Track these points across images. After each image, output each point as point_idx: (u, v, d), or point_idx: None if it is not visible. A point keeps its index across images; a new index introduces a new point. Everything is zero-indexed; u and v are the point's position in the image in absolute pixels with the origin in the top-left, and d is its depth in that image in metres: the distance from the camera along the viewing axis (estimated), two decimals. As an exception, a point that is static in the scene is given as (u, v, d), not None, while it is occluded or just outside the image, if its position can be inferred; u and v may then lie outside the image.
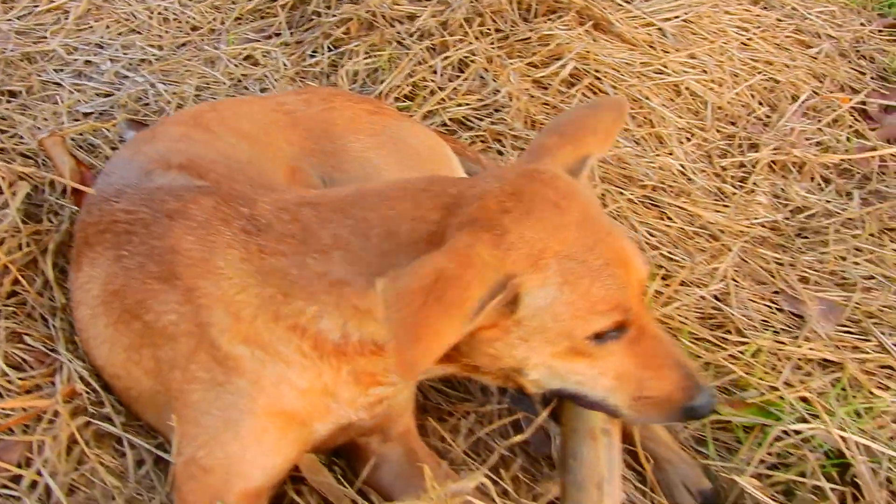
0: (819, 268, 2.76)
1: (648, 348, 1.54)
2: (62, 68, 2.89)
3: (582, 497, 1.60)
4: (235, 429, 1.64)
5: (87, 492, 1.75)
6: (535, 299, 1.44)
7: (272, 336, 1.60)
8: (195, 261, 1.65)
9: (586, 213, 1.50)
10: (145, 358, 1.76)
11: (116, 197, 1.88)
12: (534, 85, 3.03)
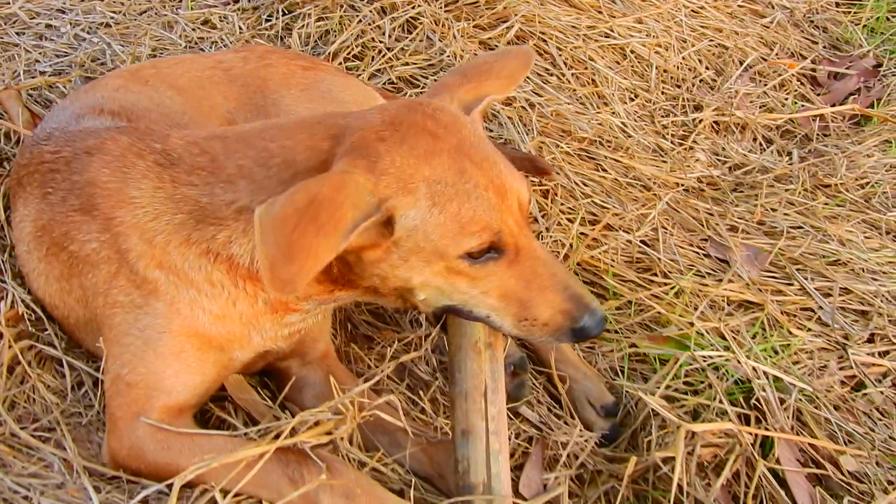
0: (748, 218, 2.88)
1: (531, 270, 1.64)
2: (23, 31, 3.01)
3: (468, 405, 1.72)
4: (155, 347, 1.75)
5: (26, 407, 1.87)
6: (407, 220, 1.56)
7: (185, 261, 1.72)
8: (111, 192, 1.77)
9: (463, 142, 1.61)
10: (74, 287, 1.88)
11: (46, 140, 2.00)
12: (480, 46, 3.14)
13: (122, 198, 1.76)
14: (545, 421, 2.10)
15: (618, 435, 2.09)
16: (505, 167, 1.66)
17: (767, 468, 2.00)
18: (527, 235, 1.67)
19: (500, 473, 1.67)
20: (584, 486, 1.98)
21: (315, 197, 1.46)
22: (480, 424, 1.69)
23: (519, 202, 1.65)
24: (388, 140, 1.58)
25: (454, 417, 1.74)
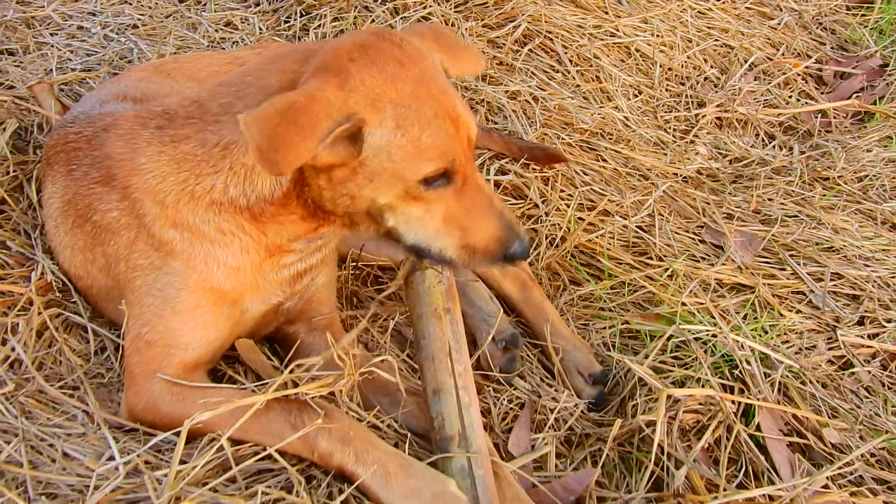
0: (745, 207, 2.98)
1: (472, 199, 1.80)
2: (56, 32, 3.20)
3: (436, 366, 1.85)
4: (173, 305, 1.90)
5: (53, 368, 2.02)
6: (374, 138, 1.70)
7: (195, 217, 1.87)
8: (124, 161, 1.93)
9: (425, 73, 1.75)
10: (97, 256, 2.03)
11: (71, 123, 2.17)
12: (489, 45, 3.28)
13: (134, 166, 1.92)
14: (536, 390, 2.22)
15: (605, 401, 2.21)
16: (459, 102, 1.80)
17: (749, 434, 2.10)
18: (472, 167, 1.82)
19: (472, 423, 1.80)
20: (571, 448, 2.10)
21: (293, 104, 1.61)
22: (449, 381, 1.83)
23: (468, 136, 1.80)
24: (357, 61, 1.71)
25: (424, 380, 1.87)
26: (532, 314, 2.39)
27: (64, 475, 1.76)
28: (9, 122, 2.45)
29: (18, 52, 3.03)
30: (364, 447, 1.78)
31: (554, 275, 2.60)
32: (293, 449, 1.79)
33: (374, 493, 1.75)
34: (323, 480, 1.78)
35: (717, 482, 1.95)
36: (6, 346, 1.99)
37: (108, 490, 1.70)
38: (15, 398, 1.88)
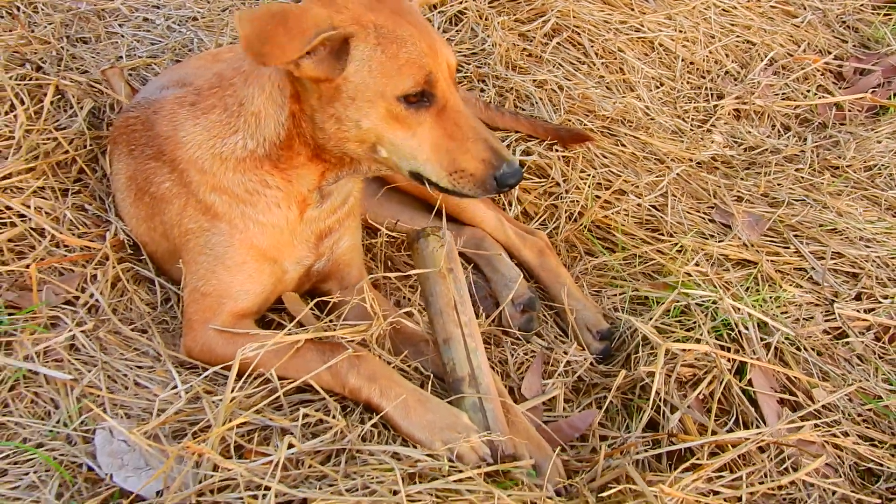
0: (754, 190, 3.19)
1: (455, 122, 1.99)
2: (124, 23, 3.51)
3: (444, 319, 2.09)
4: (223, 261, 2.18)
5: (125, 313, 2.32)
6: (357, 51, 1.92)
7: (227, 179, 2.15)
8: (169, 138, 2.21)
9: (402, 7, 1.99)
10: (157, 224, 2.32)
11: (133, 107, 2.46)
12: (519, 38, 3.53)
13: (177, 140, 2.20)
14: (551, 346, 2.46)
15: (611, 356, 2.45)
16: (438, 37, 2.02)
17: (741, 389, 2.32)
18: (454, 94, 2.01)
19: (480, 365, 2.05)
20: (578, 395, 2.34)
21: (284, 9, 1.85)
22: (457, 331, 2.08)
23: (448, 65, 2.01)
24: None
25: (435, 331, 2.12)
26: (548, 279, 2.64)
27: (136, 399, 2.05)
28: (85, 102, 2.75)
29: (91, 40, 3.34)
30: (388, 384, 2.03)
31: (571, 247, 2.85)
32: (327, 384, 2.05)
33: (396, 423, 2.00)
34: (355, 409, 2.05)
35: (708, 426, 2.18)
36: (86, 293, 2.29)
37: (172, 412, 1.99)
38: (94, 335, 2.18)
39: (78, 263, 2.35)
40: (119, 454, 1.90)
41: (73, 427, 1.96)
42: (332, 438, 1.91)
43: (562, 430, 2.17)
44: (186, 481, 1.81)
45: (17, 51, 2.87)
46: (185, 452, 1.81)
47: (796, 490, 2.12)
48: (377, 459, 1.85)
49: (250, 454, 1.90)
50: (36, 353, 2.08)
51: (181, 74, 2.59)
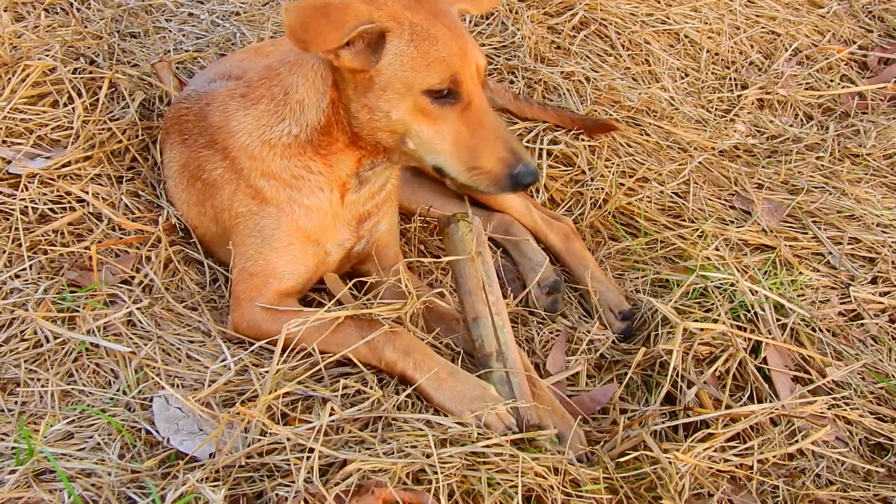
0: (775, 178, 3.30)
1: (478, 120, 2.11)
2: (171, 18, 3.69)
3: (473, 298, 2.24)
4: (270, 243, 2.34)
5: (176, 292, 2.49)
6: (392, 45, 2.06)
7: (274, 165, 2.30)
8: (222, 128, 2.38)
9: (440, 10, 2.12)
10: (208, 208, 2.49)
11: (185, 99, 2.62)
12: (548, 31, 3.65)
13: (229, 130, 2.36)
14: (575, 326, 2.60)
15: (632, 335, 2.58)
16: (471, 39, 2.14)
17: (756, 367, 2.44)
18: (479, 94, 2.12)
19: (507, 342, 2.20)
20: (600, 371, 2.48)
21: (327, 2, 2.01)
22: (485, 309, 2.22)
23: (477, 66, 2.13)
24: None
25: (465, 310, 2.26)
26: (573, 262, 2.78)
27: (188, 371, 2.22)
28: (136, 94, 2.93)
29: (140, 34, 3.52)
30: (421, 358, 2.18)
31: (596, 232, 2.98)
32: (364, 358, 2.20)
33: (428, 394, 2.15)
34: (390, 382, 2.21)
35: (723, 400, 2.30)
36: (140, 273, 2.47)
37: (222, 382, 2.15)
38: (149, 312, 2.36)
39: (133, 246, 2.52)
40: (174, 420, 2.07)
41: (132, 395, 2.14)
42: (370, 407, 2.06)
43: (584, 403, 2.31)
44: (236, 444, 1.97)
45: (72, 45, 3.05)
46: (236, 418, 1.98)
47: (806, 461, 2.24)
48: (411, 426, 2.01)
49: (294, 421, 2.06)
50: (97, 328, 2.26)
51: (226, 67, 2.75)
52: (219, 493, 1.75)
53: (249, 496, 1.89)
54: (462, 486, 1.87)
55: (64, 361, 2.21)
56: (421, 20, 2.09)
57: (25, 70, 2.77)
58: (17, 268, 2.40)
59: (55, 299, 2.32)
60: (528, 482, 1.89)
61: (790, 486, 2.12)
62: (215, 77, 2.68)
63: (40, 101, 2.78)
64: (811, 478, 2.17)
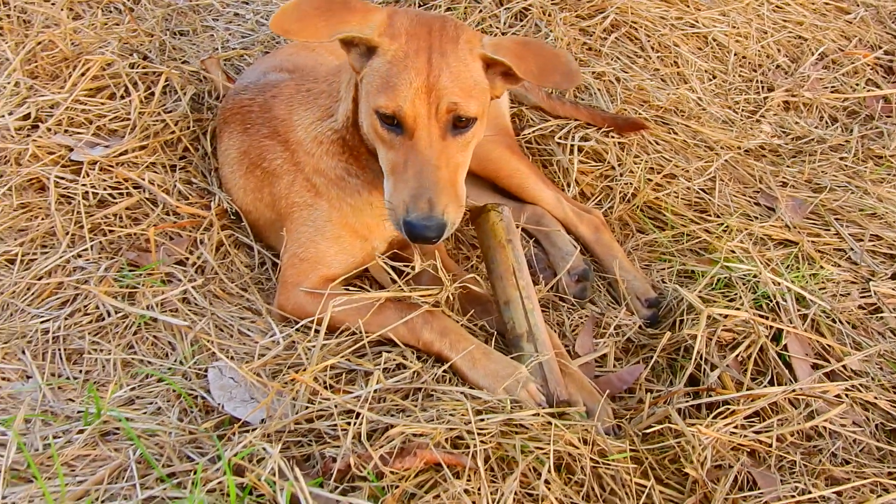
0: (799, 177, 3.41)
1: (412, 158, 2.13)
2: (217, 17, 3.86)
3: (504, 283, 2.38)
4: (322, 234, 2.48)
5: (227, 273, 2.64)
6: (375, 61, 2.16)
7: (324, 163, 2.45)
8: (285, 120, 2.53)
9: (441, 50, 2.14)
10: (265, 195, 2.63)
11: (244, 90, 2.78)
12: (580, 33, 3.78)
13: (290, 123, 2.51)
14: (603, 312, 2.73)
15: (658, 321, 2.70)
16: (450, 83, 2.12)
17: (777, 353, 2.55)
18: (430, 132, 2.13)
19: (537, 323, 2.33)
20: (627, 355, 2.60)
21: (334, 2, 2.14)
22: (515, 293, 2.36)
23: (438, 105, 2.11)
24: (410, 16, 2.20)
25: (496, 294, 2.39)
26: (602, 253, 2.91)
27: (240, 345, 2.37)
28: (188, 88, 3.09)
29: (189, 32, 3.69)
30: (457, 338, 2.32)
31: (624, 225, 3.10)
32: (403, 338, 2.34)
33: (463, 372, 2.28)
34: (428, 360, 2.34)
35: (744, 382, 2.42)
36: (194, 254, 2.62)
37: (272, 356, 2.30)
38: (203, 290, 2.51)
39: (186, 229, 2.68)
40: (228, 388, 2.22)
41: (189, 366, 2.29)
42: (410, 378, 2.20)
43: (611, 383, 2.43)
44: (286, 411, 2.11)
45: (127, 42, 3.22)
46: (286, 386, 2.12)
47: (823, 441, 2.35)
48: (449, 397, 2.14)
49: (339, 392, 2.20)
50: (155, 304, 2.42)
51: (277, 61, 2.90)
52: (274, 448, 1.89)
53: (298, 458, 2.03)
54: (497, 452, 1.99)
55: (125, 334, 2.37)
56: (410, 48, 2.14)
57: (86, 64, 2.94)
58: (80, 248, 2.56)
59: (116, 277, 2.48)
60: (559, 450, 2.01)
61: (807, 462, 2.22)
62: (268, 70, 2.83)
63: (99, 94, 2.95)
64: (828, 456, 2.27)
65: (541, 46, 2.34)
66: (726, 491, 2.07)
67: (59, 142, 2.73)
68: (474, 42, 2.21)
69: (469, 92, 2.17)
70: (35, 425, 2.10)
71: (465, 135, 2.20)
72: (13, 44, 2.97)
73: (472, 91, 2.18)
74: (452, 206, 2.15)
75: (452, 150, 2.18)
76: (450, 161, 2.18)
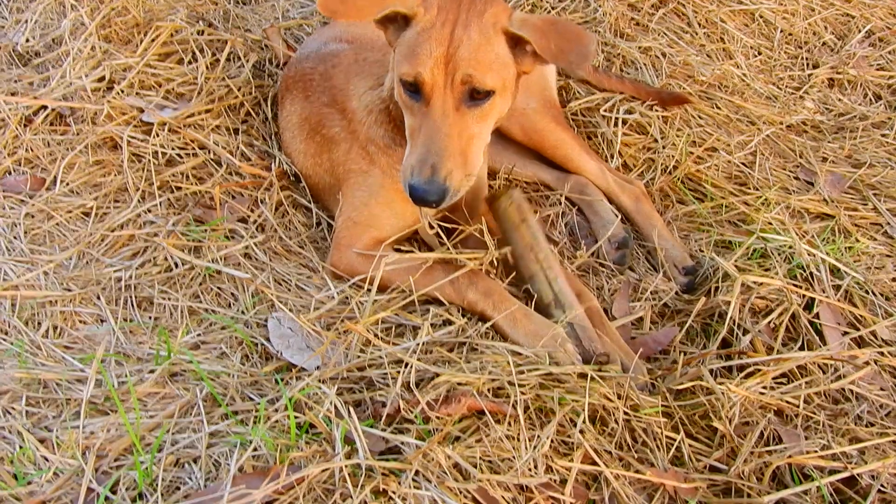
0: (839, 153, 3.48)
1: (422, 122, 2.25)
2: (279, -13, 4.02)
3: (525, 260, 2.52)
4: (376, 198, 2.62)
5: (285, 231, 2.80)
6: (410, 30, 2.27)
7: (373, 132, 2.58)
8: (343, 90, 2.67)
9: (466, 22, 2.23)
10: (324, 160, 2.78)
11: (306, 59, 2.92)
12: (628, 8, 3.86)
13: (348, 93, 2.65)
14: (640, 278, 2.85)
15: (694, 289, 2.81)
16: (468, 55, 2.21)
17: (808, 321, 2.65)
18: (445, 101, 2.23)
19: (562, 289, 2.47)
20: (663, 319, 2.72)
21: None
22: (536, 267, 2.50)
23: (454, 75, 2.21)
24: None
25: (520, 272, 2.53)
26: (642, 222, 3.02)
27: (297, 298, 2.53)
28: (251, 56, 3.25)
29: (251, 2, 3.85)
30: (499, 299, 2.45)
31: (665, 196, 3.21)
32: (449, 297, 2.47)
33: (504, 331, 2.42)
34: (472, 319, 2.48)
35: (775, 346, 2.53)
36: (255, 212, 2.79)
37: (326, 309, 2.46)
38: (264, 247, 2.68)
39: (248, 189, 2.84)
40: (286, 337, 2.38)
41: (250, 315, 2.45)
42: (456, 333, 2.35)
43: (646, 344, 2.55)
44: (340, 359, 2.27)
45: (194, 10, 3.38)
46: (341, 337, 2.28)
47: (849, 405, 2.45)
48: (492, 351, 2.28)
49: (389, 343, 2.36)
50: (219, 257, 2.59)
51: (335, 32, 3.04)
52: (331, 390, 2.05)
53: (350, 403, 2.19)
54: (536, 403, 2.14)
55: (191, 284, 2.54)
56: (438, 20, 2.24)
57: (156, 30, 3.10)
58: (150, 203, 2.74)
59: (183, 231, 2.65)
60: (594, 403, 2.15)
61: (833, 422, 2.33)
62: (328, 40, 2.96)
63: (168, 59, 3.12)
64: (853, 418, 2.38)
65: (567, 27, 2.37)
66: (752, 445, 2.19)
67: (132, 103, 2.91)
68: (501, 17, 2.28)
69: (488, 65, 2.24)
70: (110, 364, 2.29)
71: (483, 107, 2.29)
72: (89, 9, 3.14)
73: (491, 65, 2.25)
74: (458, 173, 2.24)
75: (467, 120, 2.27)
76: (463, 131, 2.27)
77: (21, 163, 2.83)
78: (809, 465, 2.18)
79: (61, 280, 2.51)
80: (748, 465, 2.16)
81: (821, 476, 2.16)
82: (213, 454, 2.01)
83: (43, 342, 2.33)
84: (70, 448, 2.00)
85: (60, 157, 2.82)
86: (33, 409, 2.13)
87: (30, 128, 2.88)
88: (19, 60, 3.19)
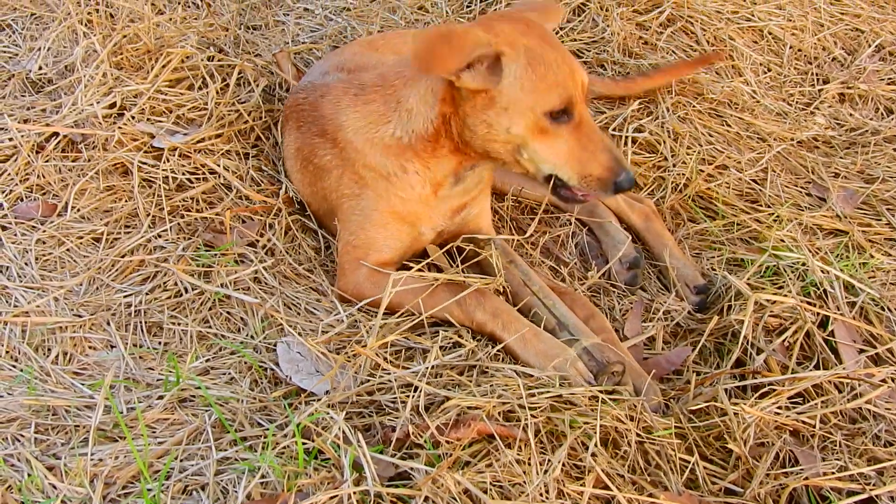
0: (851, 168, 3.46)
1: (588, 136, 2.36)
2: (288, 13, 4.03)
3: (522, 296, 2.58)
4: (370, 221, 2.62)
5: (294, 256, 2.80)
6: (510, 69, 2.30)
7: (375, 160, 2.57)
8: (333, 120, 2.66)
9: (546, 35, 2.36)
10: (319, 189, 2.79)
11: (302, 89, 2.93)
12: (636, 27, 3.87)
13: (338, 123, 2.65)
14: (652, 298, 2.83)
15: (706, 308, 2.79)
16: (573, 59, 2.36)
17: (823, 339, 2.62)
18: (586, 111, 2.36)
19: (563, 313, 2.52)
20: (675, 338, 2.70)
21: (450, 30, 2.27)
22: (533, 299, 2.56)
23: (582, 83, 2.38)
24: (499, 21, 2.36)
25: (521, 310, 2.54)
26: (653, 241, 3.00)
27: (306, 322, 2.52)
28: (261, 80, 3.26)
29: (262, 27, 3.87)
30: (509, 319, 2.44)
31: (676, 214, 3.19)
32: (457, 318, 2.47)
33: (515, 352, 2.41)
34: (482, 340, 2.47)
35: (789, 366, 2.50)
36: (264, 237, 2.79)
37: (335, 332, 2.45)
38: (273, 271, 2.68)
39: (257, 214, 2.85)
40: (296, 361, 2.38)
41: (259, 340, 2.45)
42: (465, 356, 2.33)
43: (659, 364, 2.53)
44: (349, 384, 2.27)
45: (204, 36, 3.40)
46: (350, 360, 2.27)
47: (867, 424, 2.41)
48: (503, 374, 2.27)
49: (398, 367, 2.35)
50: (229, 282, 2.59)
51: (340, 60, 3.05)
52: (339, 416, 2.04)
53: (360, 428, 2.18)
54: (547, 426, 2.12)
55: (201, 309, 2.54)
56: (534, 45, 2.31)
57: (167, 56, 3.12)
58: (160, 228, 2.75)
59: (192, 256, 2.65)
60: (606, 425, 2.13)
61: (850, 442, 2.30)
62: (329, 69, 2.97)
63: (178, 84, 3.13)
64: (871, 437, 2.35)
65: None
66: (767, 467, 2.16)
67: (143, 129, 2.92)
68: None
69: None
70: (119, 390, 2.28)
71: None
72: (101, 37, 3.17)
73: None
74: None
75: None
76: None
77: (33, 189, 2.84)
78: (826, 487, 2.15)
79: (71, 306, 2.52)
80: (764, 488, 2.13)
81: (838, 498, 2.12)
82: (221, 481, 2.00)
83: (52, 368, 2.33)
84: (78, 476, 1.99)
85: (72, 184, 2.83)
86: (42, 437, 2.13)
87: (42, 154, 2.90)
88: (32, 88, 3.22)
